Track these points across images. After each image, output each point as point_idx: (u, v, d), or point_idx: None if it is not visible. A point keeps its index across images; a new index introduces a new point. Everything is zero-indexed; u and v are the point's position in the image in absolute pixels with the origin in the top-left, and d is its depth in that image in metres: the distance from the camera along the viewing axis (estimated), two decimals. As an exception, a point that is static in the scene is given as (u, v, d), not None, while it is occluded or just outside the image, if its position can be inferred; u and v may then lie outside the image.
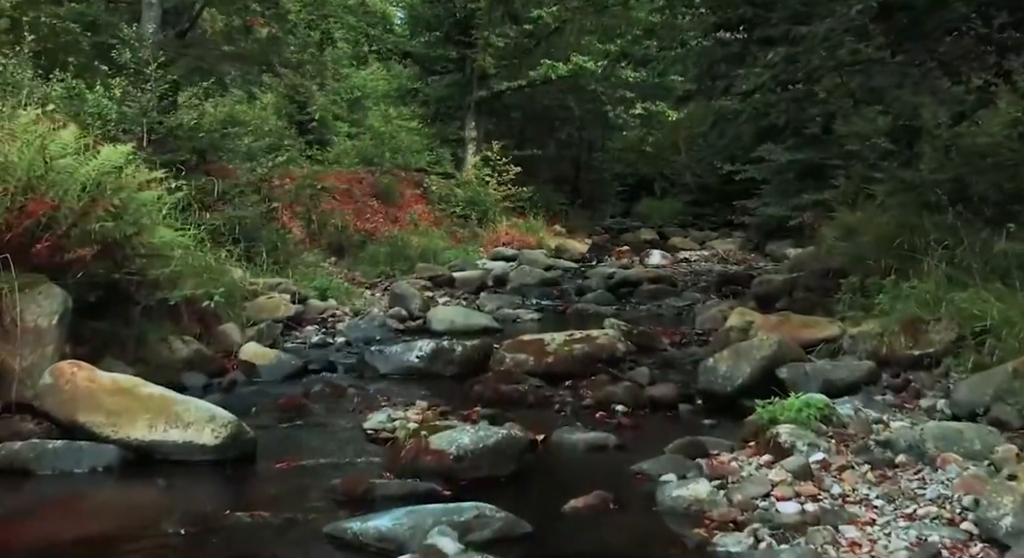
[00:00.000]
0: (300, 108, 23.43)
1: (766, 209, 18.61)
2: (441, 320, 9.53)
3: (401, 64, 23.13)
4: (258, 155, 11.28)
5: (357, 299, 10.53)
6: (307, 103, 23.67)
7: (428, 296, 11.60)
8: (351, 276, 11.89)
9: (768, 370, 6.76)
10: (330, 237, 13.08)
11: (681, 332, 9.62)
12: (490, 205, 19.58)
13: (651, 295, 12.59)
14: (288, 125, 22.75)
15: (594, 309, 11.50)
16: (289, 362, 7.71)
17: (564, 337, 7.77)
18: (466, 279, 12.82)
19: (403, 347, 7.81)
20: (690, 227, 25.70)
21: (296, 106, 23.42)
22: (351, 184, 19.87)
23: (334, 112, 25.83)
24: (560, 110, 22.74)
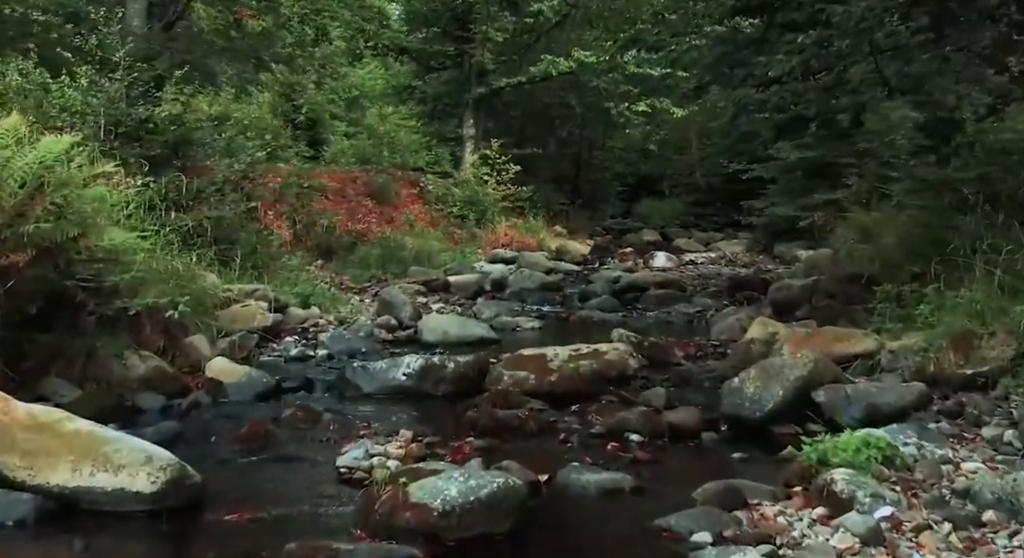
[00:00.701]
0: (296, 107, 22.62)
1: (775, 209, 17.68)
2: (433, 330, 8.59)
3: (398, 61, 22.17)
4: (239, 150, 10.31)
5: (343, 306, 9.59)
6: (303, 101, 22.88)
7: (421, 302, 10.67)
8: (339, 280, 10.95)
9: (803, 392, 5.85)
10: (318, 238, 12.14)
11: (696, 343, 8.68)
12: (489, 205, 18.64)
13: (659, 301, 11.65)
14: (284, 124, 21.94)
15: (599, 316, 10.56)
16: (261, 380, 6.76)
17: (569, 352, 6.83)
18: (462, 283, 11.88)
19: (389, 363, 6.86)
20: (692, 228, 24.76)
21: (292, 105, 22.60)
22: (344, 183, 18.93)
23: (331, 111, 25.12)
24: (561, 108, 21.79)
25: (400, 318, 8.98)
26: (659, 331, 10.03)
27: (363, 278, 11.40)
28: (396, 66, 25.66)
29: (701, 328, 10.29)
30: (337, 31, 24.03)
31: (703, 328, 10.14)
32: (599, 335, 9.74)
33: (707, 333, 9.33)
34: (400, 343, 8.63)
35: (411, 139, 23.55)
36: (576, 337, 9.32)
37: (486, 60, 20.11)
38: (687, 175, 27.80)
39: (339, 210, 16.94)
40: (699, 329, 10.14)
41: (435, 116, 22.19)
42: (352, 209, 17.41)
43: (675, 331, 10.01)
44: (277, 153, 19.27)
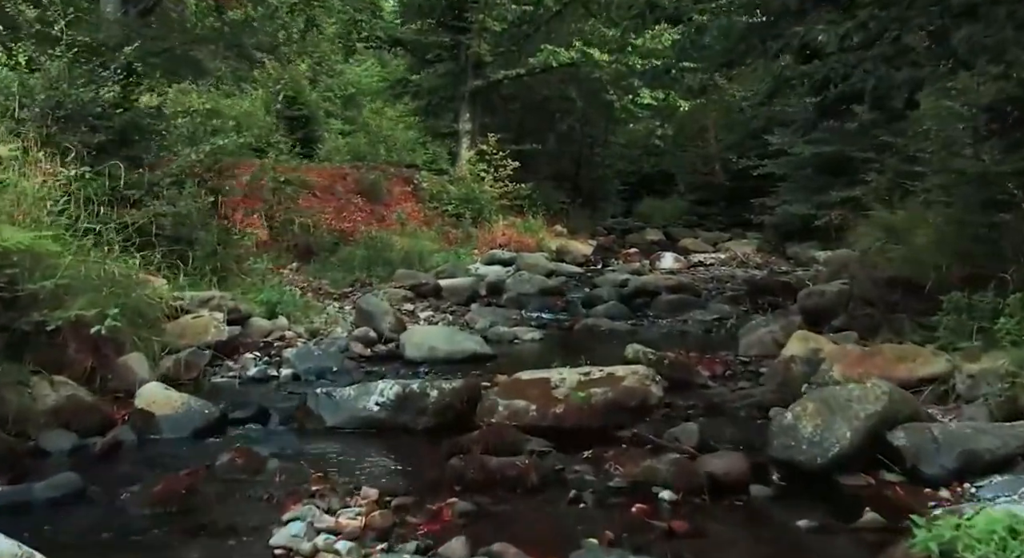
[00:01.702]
0: (290, 103, 21.35)
1: (788, 208, 16.31)
2: (418, 344, 7.23)
3: (391, 53, 20.79)
4: (201, 139, 8.95)
5: (317, 315, 8.24)
6: (296, 98, 21.66)
7: (408, 309, 9.32)
8: (317, 285, 9.60)
9: (876, 433, 4.52)
10: (297, 238, 10.78)
11: (722, 360, 7.34)
12: (485, 203, 17.28)
13: (672, 307, 10.30)
14: (276, 121, 20.67)
15: (607, 325, 9.22)
16: (201, 411, 5.42)
17: (578, 377, 5.49)
18: (455, 288, 10.53)
19: (359, 390, 5.51)
20: (696, 227, 23.42)
21: (286, 101, 21.31)
22: (333, 180, 17.61)
23: (327, 109, 23.94)
24: (561, 101, 20.42)
25: (380, 330, 7.63)
26: (676, 343, 8.68)
27: (345, 282, 10.05)
28: (393, 63, 24.33)
29: (721, 339, 8.96)
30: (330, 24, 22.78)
31: (725, 339, 8.80)
32: (608, 348, 8.41)
33: (733, 346, 7.98)
34: (380, 360, 7.29)
35: (408, 136, 22.30)
36: (583, 351, 7.97)
37: (483, 51, 18.74)
38: (692, 172, 26.46)
39: (326, 208, 15.65)
40: (720, 340, 8.81)
41: (430, 111, 20.80)
42: (341, 207, 16.09)
43: (694, 343, 8.66)
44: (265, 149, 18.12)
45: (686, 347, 7.84)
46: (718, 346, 8.33)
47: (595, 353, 7.81)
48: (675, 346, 8.35)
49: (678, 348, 7.68)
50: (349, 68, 25.26)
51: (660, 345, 8.43)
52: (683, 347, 8.01)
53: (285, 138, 20.12)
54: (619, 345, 8.48)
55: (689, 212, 25.64)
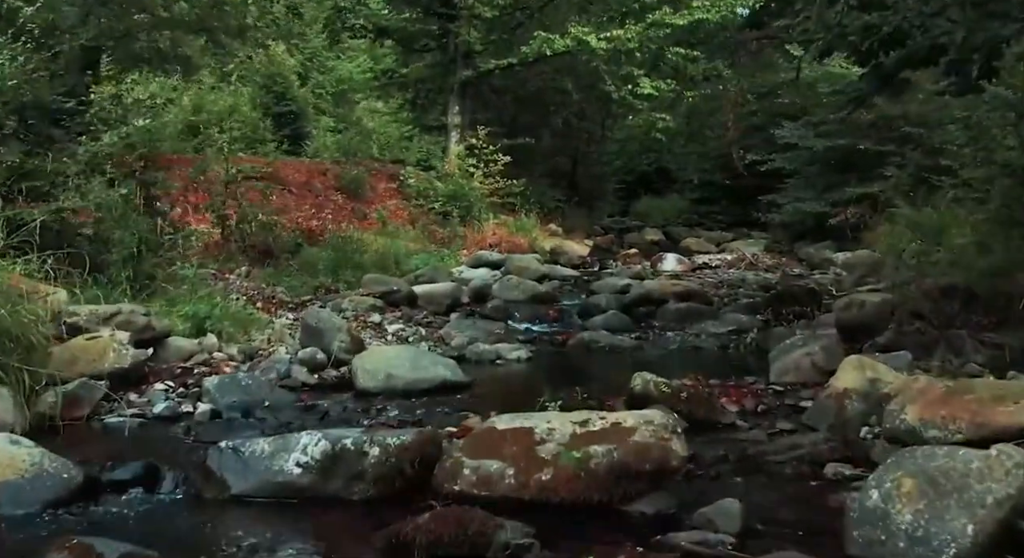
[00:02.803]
0: (277, 99, 19.89)
1: (799, 205, 14.79)
2: (373, 371, 5.67)
3: (377, 43, 19.22)
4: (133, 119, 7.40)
5: (260, 332, 6.68)
6: (284, 93, 20.22)
7: (374, 322, 7.76)
8: (270, 293, 8.05)
9: (1011, 526, 3.00)
10: (255, 238, 9.22)
11: (751, 389, 5.79)
12: (475, 200, 15.75)
13: (680, 317, 8.77)
14: (262, 116, 19.19)
15: (606, 339, 7.67)
16: (59, 475, 3.88)
17: (572, 427, 3.93)
18: (433, 294, 8.98)
19: (275, 445, 3.97)
20: (696, 226, 21.92)
21: (273, 97, 19.85)
22: (312, 176, 16.08)
23: (318, 106, 22.53)
24: (556, 93, 18.86)
25: (331, 351, 6.07)
26: (689, 364, 7.14)
27: (305, 289, 8.49)
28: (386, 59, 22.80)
29: (742, 357, 7.43)
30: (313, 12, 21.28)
31: (748, 359, 7.28)
32: (609, 371, 6.87)
33: (760, 369, 6.45)
34: (326, 390, 5.73)
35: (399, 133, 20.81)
36: (578, 376, 6.44)
37: (473, 40, 17.21)
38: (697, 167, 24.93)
39: (303, 205, 14.13)
40: (741, 360, 7.29)
41: (418, 104, 19.25)
42: (319, 204, 14.57)
43: (711, 363, 7.13)
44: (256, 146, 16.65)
45: (703, 371, 6.27)
46: (741, 368, 6.79)
47: (593, 379, 6.29)
48: (689, 368, 6.81)
49: (693, 373, 6.11)
50: (341, 64, 23.86)
51: (670, 367, 6.90)
52: (699, 371, 6.45)
53: (272, 134, 18.80)
54: (622, 367, 6.96)
55: (689, 211, 24.17)
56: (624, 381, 5.70)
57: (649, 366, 6.91)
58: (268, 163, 15.53)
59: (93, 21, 12.40)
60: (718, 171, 22.75)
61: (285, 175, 15.51)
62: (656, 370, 6.13)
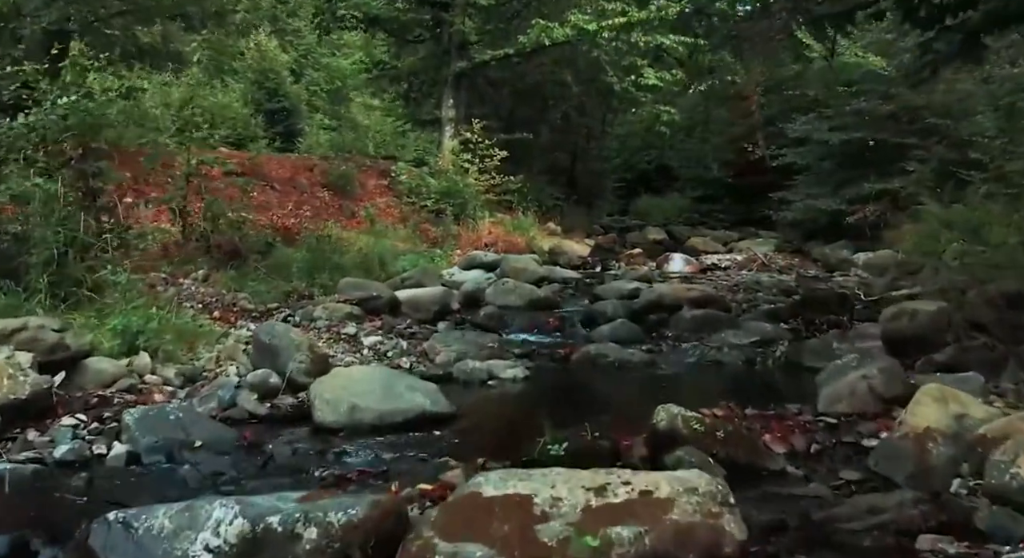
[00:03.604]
0: (270, 96, 18.91)
1: (813, 202, 13.65)
2: (334, 401, 4.52)
3: (368, 34, 18.04)
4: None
5: (210, 347, 5.54)
6: (277, 90, 19.25)
7: (348, 333, 6.63)
8: (231, 300, 6.90)
9: None
10: (220, 238, 8.08)
11: (796, 421, 4.65)
12: (469, 198, 14.58)
13: (696, 326, 7.63)
14: (254, 113, 18.19)
15: (614, 354, 6.53)
16: None
17: (584, 496, 2.82)
18: (418, 301, 7.84)
19: (179, 521, 2.83)
20: (699, 225, 20.80)
21: (265, 93, 18.86)
22: (296, 172, 14.93)
23: (313, 103, 21.54)
24: (555, 86, 17.68)
25: (287, 373, 4.93)
26: (711, 383, 6.07)
27: (273, 295, 7.34)
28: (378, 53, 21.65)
29: (769, 373, 6.33)
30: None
31: (778, 375, 6.18)
32: (622, 396, 5.76)
33: (798, 391, 5.33)
34: (278, 422, 4.60)
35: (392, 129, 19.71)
36: (584, 403, 5.32)
37: (468, 29, 16.04)
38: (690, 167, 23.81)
39: (286, 202, 13.00)
40: (769, 375, 6.19)
41: (411, 97, 18.08)
42: (302, 202, 13.43)
43: (736, 382, 6.03)
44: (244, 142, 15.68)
45: (732, 394, 5.14)
46: (775, 390, 5.67)
47: (603, 406, 5.17)
48: (712, 390, 5.71)
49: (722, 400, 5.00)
50: (336, 61, 22.79)
51: (691, 388, 5.80)
52: (726, 393, 5.34)
53: (264, 131, 17.81)
54: (635, 388, 5.85)
55: (691, 209, 23.06)
56: (640, 407, 4.60)
57: (665, 387, 5.82)
58: (250, 158, 14.49)
59: (58, 5, 11.25)
60: (722, 168, 21.64)
61: (268, 171, 14.39)
62: (674, 392, 5.05)
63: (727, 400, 4.92)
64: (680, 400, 4.33)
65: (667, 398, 4.74)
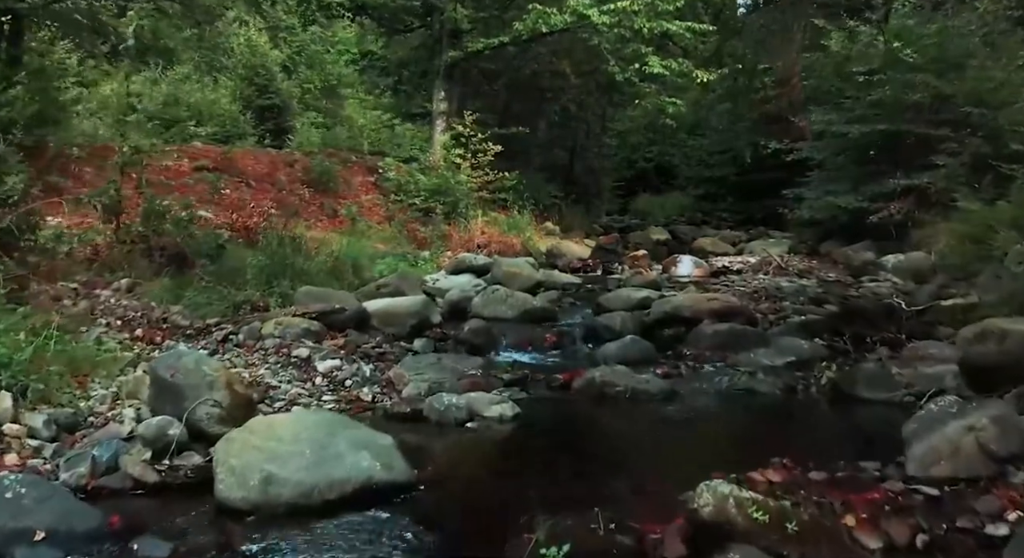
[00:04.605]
0: (260, 92, 17.68)
1: (832, 200, 12.30)
2: (243, 469, 3.16)
3: (355, 22, 16.69)
4: None
5: (109, 381, 4.20)
6: (267, 86, 18.06)
7: (299, 356, 5.29)
8: (160, 315, 5.56)
9: None
10: (163, 240, 6.73)
11: (882, 492, 3.31)
12: (461, 195, 13.26)
13: (720, 343, 6.30)
14: (244, 110, 16.98)
15: (626, 381, 5.17)
16: None
17: None
18: (392, 312, 6.50)
19: None
20: (703, 225, 19.49)
21: (255, 90, 17.65)
22: (275, 168, 13.61)
23: (307, 101, 20.36)
24: (552, 78, 16.32)
25: (192, 420, 3.59)
26: (748, 422, 4.75)
27: (218, 308, 6.00)
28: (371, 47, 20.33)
29: (814, 403, 5.02)
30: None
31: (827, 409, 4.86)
32: (636, 437, 4.43)
33: (867, 438, 4.02)
34: (169, 496, 3.26)
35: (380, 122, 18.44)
36: (593, 457, 3.99)
37: (460, 16, 14.72)
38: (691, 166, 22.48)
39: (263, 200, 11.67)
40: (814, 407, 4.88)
41: (400, 90, 16.72)
42: (280, 200, 12.09)
43: (779, 422, 4.71)
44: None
45: (787, 449, 3.81)
46: (834, 435, 4.35)
47: (616, 465, 3.83)
48: (754, 434, 4.40)
49: (767, 448, 3.69)
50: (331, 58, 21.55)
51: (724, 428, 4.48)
52: (776, 444, 4.03)
53: (253, 127, 16.62)
54: (655, 432, 4.51)
55: (693, 208, 21.74)
56: (667, 465, 3.33)
57: (692, 429, 4.49)
58: (224, 152, 13.18)
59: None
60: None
61: (244, 166, 13.09)
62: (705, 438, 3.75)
63: (775, 450, 3.63)
64: (715, 450, 3.08)
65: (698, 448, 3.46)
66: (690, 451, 3.93)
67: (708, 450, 3.85)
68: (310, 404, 4.60)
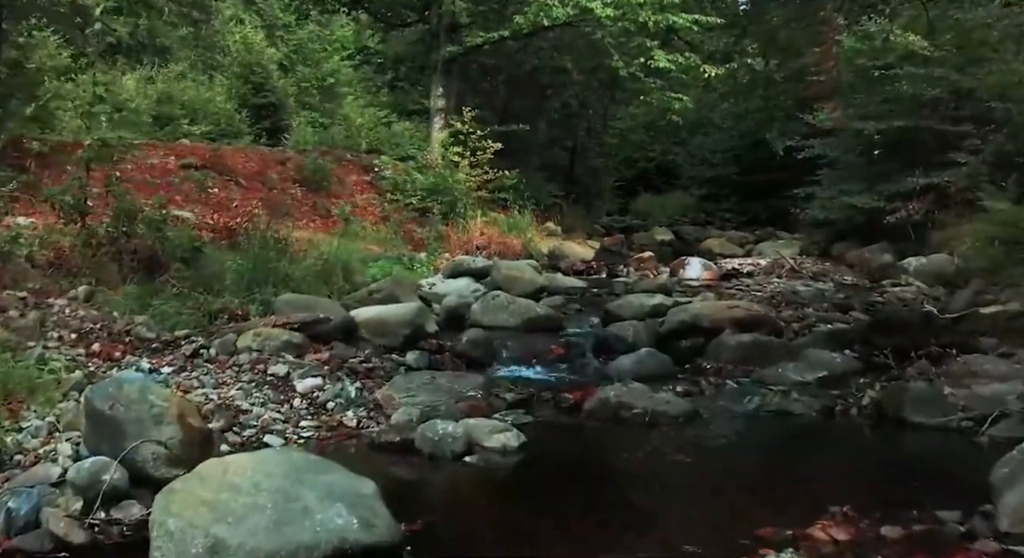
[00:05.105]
0: (256, 90, 17.14)
1: (847, 199, 11.67)
2: (182, 531, 2.49)
3: (350, 15, 16.03)
4: None
5: (49, 407, 3.55)
6: (263, 84, 17.57)
7: (276, 375, 4.65)
8: (123, 327, 4.91)
9: None
10: (134, 243, 6.09)
11: (967, 552, 2.68)
12: (460, 194, 12.59)
13: (743, 355, 5.68)
14: (239, 108, 16.43)
15: (644, 402, 4.54)
16: None
17: None
18: (383, 322, 5.86)
19: None
20: (707, 225, 18.90)
21: (251, 88, 17.11)
22: (266, 166, 12.94)
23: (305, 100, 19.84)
24: (553, 74, 15.66)
25: (135, 462, 2.95)
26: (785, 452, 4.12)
27: (187, 318, 5.36)
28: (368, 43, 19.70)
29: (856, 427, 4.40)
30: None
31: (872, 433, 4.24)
32: (660, 470, 3.80)
33: (932, 474, 3.38)
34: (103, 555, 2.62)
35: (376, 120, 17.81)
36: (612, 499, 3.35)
37: (458, 9, 14.04)
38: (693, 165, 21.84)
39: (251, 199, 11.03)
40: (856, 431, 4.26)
41: (397, 86, 16.07)
42: (270, 199, 11.44)
43: (823, 453, 4.08)
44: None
45: (840, 490, 3.18)
46: (890, 468, 3.72)
47: (643, 510, 3.18)
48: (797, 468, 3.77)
49: (817, 488, 3.05)
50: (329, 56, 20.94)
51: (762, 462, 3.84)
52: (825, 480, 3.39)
53: (249, 126, 16.08)
54: (682, 467, 3.87)
55: (695, 208, 21.12)
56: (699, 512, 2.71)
57: (725, 462, 3.85)
58: (213, 150, 12.53)
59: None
60: (728, 164, 19.68)
61: (233, 164, 12.42)
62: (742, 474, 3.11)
63: (827, 492, 3.01)
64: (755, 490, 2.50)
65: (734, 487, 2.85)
66: (726, 492, 3.29)
67: (747, 491, 3.22)
68: (285, 431, 3.97)
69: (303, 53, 21.27)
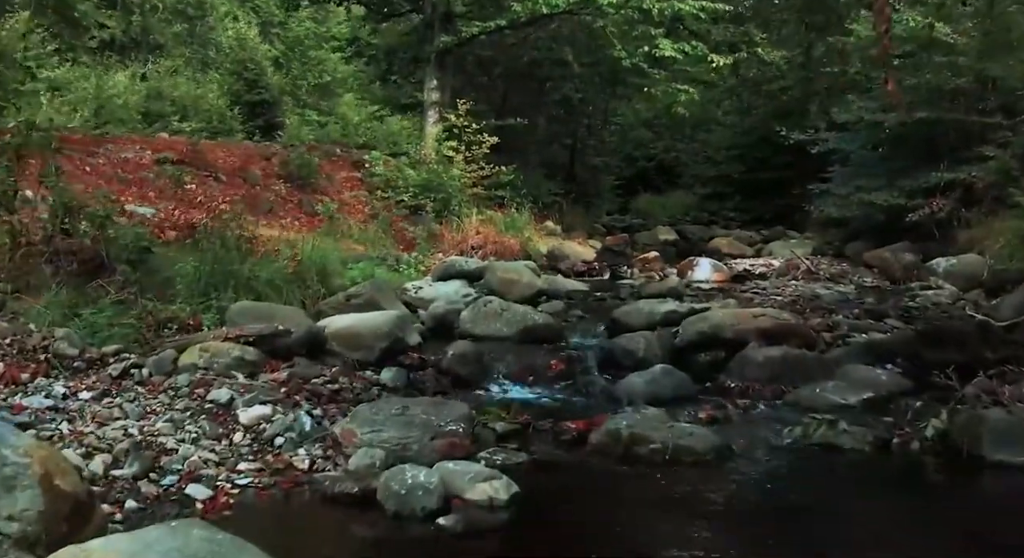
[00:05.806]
0: (249, 87, 16.37)
1: (865, 196, 10.79)
2: None
3: (341, 6, 15.16)
4: None
5: None
6: (257, 81, 16.84)
7: (216, 402, 3.78)
8: (39, 342, 4.06)
9: None
10: (74, 242, 5.24)
11: None
12: (454, 192, 11.73)
13: (773, 372, 4.81)
14: (232, 105, 15.65)
15: (661, 434, 3.68)
16: None
17: None
18: (356, 333, 4.99)
19: None
20: (711, 224, 18.04)
21: (245, 84, 16.34)
22: (250, 161, 12.06)
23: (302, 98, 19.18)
24: (553, 66, 14.77)
25: None
26: (840, 504, 3.22)
27: (122, 330, 4.48)
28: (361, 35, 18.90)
29: (922, 467, 3.53)
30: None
31: (943, 475, 3.37)
32: (687, 534, 2.91)
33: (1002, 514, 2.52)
34: None
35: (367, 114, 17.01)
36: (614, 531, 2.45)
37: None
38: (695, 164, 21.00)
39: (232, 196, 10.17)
40: (927, 473, 3.39)
41: (389, 78, 15.19)
42: (252, 196, 10.57)
43: (889, 503, 3.19)
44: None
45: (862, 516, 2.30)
46: (988, 540, 2.84)
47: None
48: (858, 527, 2.89)
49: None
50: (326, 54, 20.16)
51: (813, 519, 2.94)
52: (899, 546, 2.51)
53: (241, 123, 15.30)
54: (717, 526, 2.97)
55: (698, 207, 20.27)
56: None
57: (769, 516, 2.98)
58: (192, 144, 11.67)
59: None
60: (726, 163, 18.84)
61: (214, 159, 11.53)
62: (788, 532, 2.25)
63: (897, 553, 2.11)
64: None
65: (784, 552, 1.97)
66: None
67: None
68: (216, 477, 3.10)
69: (299, 50, 20.55)
